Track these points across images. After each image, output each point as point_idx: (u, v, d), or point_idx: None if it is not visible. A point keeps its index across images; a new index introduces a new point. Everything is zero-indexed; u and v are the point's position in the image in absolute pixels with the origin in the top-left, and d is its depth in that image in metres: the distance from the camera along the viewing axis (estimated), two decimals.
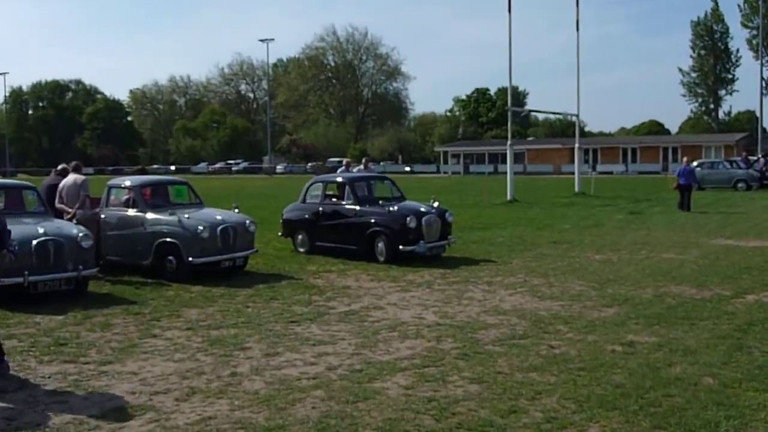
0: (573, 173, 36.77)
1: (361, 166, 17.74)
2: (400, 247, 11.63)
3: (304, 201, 13.26)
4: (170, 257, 10.41)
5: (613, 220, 19.54)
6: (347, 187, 12.58)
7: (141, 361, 6.36)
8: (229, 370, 6.02)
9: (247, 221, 11.15)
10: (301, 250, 13.06)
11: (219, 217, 10.86)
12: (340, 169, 17.69)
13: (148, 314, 8.25)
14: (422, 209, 12.17)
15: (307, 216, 12.95)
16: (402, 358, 6.32)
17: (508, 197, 27.60)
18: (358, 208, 12.22)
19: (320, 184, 13.24)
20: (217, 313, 8.32)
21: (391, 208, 11.97)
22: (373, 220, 11.91)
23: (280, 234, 13.75)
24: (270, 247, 14.24)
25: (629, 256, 12.69)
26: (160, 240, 10.47)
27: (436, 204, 12.72)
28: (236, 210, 11.59)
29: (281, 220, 13.72)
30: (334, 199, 12.92)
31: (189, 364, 6.21)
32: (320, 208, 12.78)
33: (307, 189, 13.32)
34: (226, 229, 10.66)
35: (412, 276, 10.75)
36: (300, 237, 13.12)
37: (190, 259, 10.24)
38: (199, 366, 6.16)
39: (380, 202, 12.41)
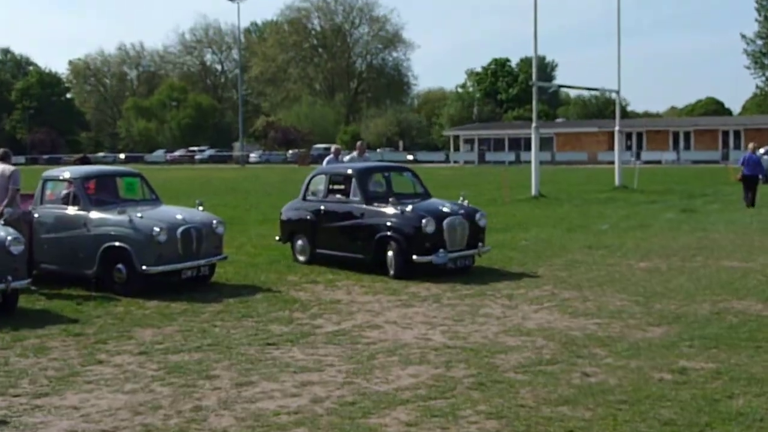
0: (612, 162, 36.77)
1: (354, 154, 17.72)
2: (414, 257, 11.36)
3: (304, 198, 13.15)
4: (119, 265, 10.42)
5: (661, 220, 19.59)
6: (354, 180, 12.39)
7: (84, 392, 6.36)
8: (191, 404, 6.03)
9: (214, 221, 11.16)
10: (301, 258, 12.94)
11: (179, 217, 10.88)
12: (327, 158, 17.69)
13: (93, 335, 8.25)
14: (445, 209, 11.90)
15: (308, 216, 12.82)
16: (403, 389, 6.33)
17: (533, 192, 27.65)
18: (364, 206, 12.01)
19: (323, 176, 13.13)
20: (176, 333, 8.34)
21: (404, 208, 11.69)
22: (381, 223, 11.73)
23: (277, 239, 13.64)
24: (242, 252, 14.24)
25: (681, 263, 12.73)
26: (107, 244, 10.46)
27: (465, 202, 12.53)
28: (201, 208, 11.61)
29: (279, 221, 13.66)
30: (338, 195, 12.82)
31: (142, 397, 6.22)
32: (321, 207, 12.65)
33: (309, 182, 13.22)
34: (188, 230, 10.67)
35: (415, 288, 10.78)
36: (300, 242, 12.97)
37: (144, 267, 10.25)
38: (155, 399, 6.17)
39: (390, 199, 12.00)
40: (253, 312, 9.38)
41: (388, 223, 11.58)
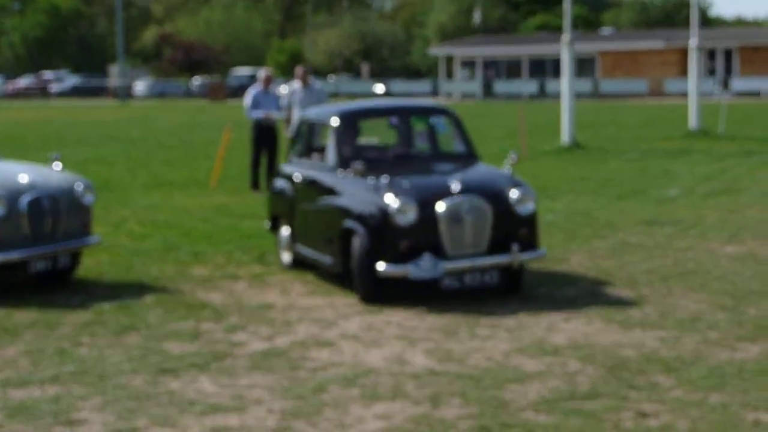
0: (686, 95, 36.94)
1: (296, 84, 17.66)
2: (379, 266, 10.34)
3: (289, 159, 12.89)
4: None
5: (760, 182, 19.74)
6: (333, 130, 11.88)
7: None
8: None
9: (79, 186, 11.11)
10: (285, 257, 12.27)
11: (24, 179, 10.80)
12: (252, 91, 17.63)
13: None
14: (452, 184, 10.66)
15: (288, 190, 12.39)
16: None
17: (565, 140, 27.77)
18: (335, 176, 11.46)
19: (306, 123, 12.92)
20: (21, 356, 8.28)
21: (378, 180, 10.63)
22: (345, 207, 11.02)
23: (267, 225, 13.06)
24: (122, 233, 14.20)
25: None
26: None
27: (507, 168, 11.41)
28: (58, 165, 11.53)
29: (269, 193, 13.32)
30: (315, 157, 12.43)
31: None
32: (296, 176, 12.29)
33: (296, 134, 13.15)
34: (37, 201, 10.60)
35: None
36: (284, 232, 12.50)
37: None
38: None
39: (354, 164, 10.65)
40: (139, 323, 9.33)
41: (347, 208, 10.93)
